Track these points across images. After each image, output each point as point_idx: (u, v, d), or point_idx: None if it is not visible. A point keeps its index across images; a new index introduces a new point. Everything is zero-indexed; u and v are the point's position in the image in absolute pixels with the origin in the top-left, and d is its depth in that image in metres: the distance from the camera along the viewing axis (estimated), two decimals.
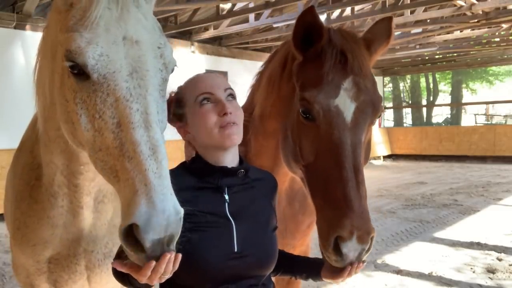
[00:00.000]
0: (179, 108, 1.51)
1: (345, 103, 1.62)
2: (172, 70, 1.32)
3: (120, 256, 1.19)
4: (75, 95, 1.22)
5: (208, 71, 1.64)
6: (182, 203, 1.12)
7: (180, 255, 1.12)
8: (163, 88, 1.26)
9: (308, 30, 1.67)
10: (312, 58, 1.70)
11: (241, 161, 1.53)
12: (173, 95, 1.53)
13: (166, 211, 1.03)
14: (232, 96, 1.48)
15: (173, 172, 1.45)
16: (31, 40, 8.65)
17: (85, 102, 1.20)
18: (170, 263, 1.09)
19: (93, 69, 1.16)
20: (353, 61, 1.65)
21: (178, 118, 1.51)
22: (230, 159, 1.47)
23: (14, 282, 4.80)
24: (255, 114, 2.07)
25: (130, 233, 1.04)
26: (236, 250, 1.39)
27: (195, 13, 10.75)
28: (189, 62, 11.43)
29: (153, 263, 1.06)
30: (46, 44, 1.45)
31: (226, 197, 1.45)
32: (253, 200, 1.50)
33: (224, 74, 11.82)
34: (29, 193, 1.75)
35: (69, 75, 1.21)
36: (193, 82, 1.51)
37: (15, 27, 8.63)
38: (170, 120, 1.49)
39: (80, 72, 1.18)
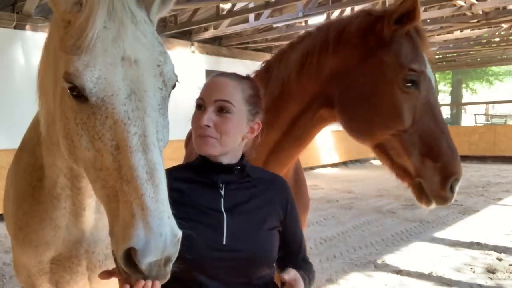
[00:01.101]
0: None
1: (431, 74, 1.94)
2: (173, 87, 1.30)
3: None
4: (75, 115, 1.21)
5: (220, 72, 1.64)
6: (174, 200, 1.14)
7: (158, 284, 1.17)
8: (163, 106, 1.24)
9: (409, 9, 1.85)
10: (401, 35, 1.91)
11: (242, 158, 1.54)
12: None
13: (163, 235, 1.05)
14: (223, 109, 1.45)
15: (174, 168, 1.55)
16: (31, 40, 8.64)
17: (85, 123, 1.19)
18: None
19: (91, 92, 1.15)
20: (427, 40, 1.98)
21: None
22: (227, 157, 1.49)
23: (14, 282, 4.79)
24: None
25: (129, 256, 1.07)
26: (224, 242, 1.41)
27: (195, 13, 10.74)
28: (189, 62, 11.43)
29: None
30: (48, 54, 1.44)
31: (222, 192, 1.47)
32: (251, 197, 1.50)
33: None
34: (31, 193, 1.74)
35: (69, 96, 1.20)
36: (206, 83, 1.54)
37: (15, 27, 8.62)
38: None
39: (79, 94, 1.17)
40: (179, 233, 1.11)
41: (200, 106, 1.47)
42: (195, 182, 1.48)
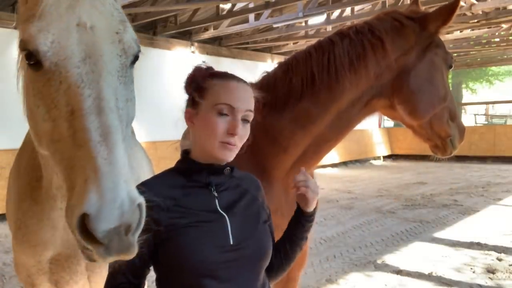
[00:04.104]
0: (199, 96, 1.47)
1: None
2: (135, 57, 1.29)
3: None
4: (33, 86, 1.21)
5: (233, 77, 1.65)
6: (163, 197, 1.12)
7: None
8: (123, 74, 1.22)
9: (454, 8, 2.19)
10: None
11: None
12: (203, 67, 1.55)
13: (118, 199, 0.97)
14: (247, 120, 1.45)
15: (162, 174, 1.50)
16: None
17: (41, 93, 1.18)
18: None
19: (45, 56, 1.15)
20: None
21: (192, 104, 1.49)
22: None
23: (14, 282, 4.80)
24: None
25: (84, 225, 0.98)
26: (232, 242, 1.40)
27: (195, 13, 10.75)
28: (189, 62, 11.40)
29: None
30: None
31: (215, 194, 1.46)
32: (241, 196, 1.51)
33: None
34: (30, 194, 1.74)
35: (27, 68, 1.21)
36: (224, 84, 1.46)
37: (15, 27, 8.61)
38: (187, 100, 1.50)
39: (35, 62, 1.17)
40: (139, 200, 1.02)
41: (226, 113, 1.41)
42: (187, 187, 1.45)
